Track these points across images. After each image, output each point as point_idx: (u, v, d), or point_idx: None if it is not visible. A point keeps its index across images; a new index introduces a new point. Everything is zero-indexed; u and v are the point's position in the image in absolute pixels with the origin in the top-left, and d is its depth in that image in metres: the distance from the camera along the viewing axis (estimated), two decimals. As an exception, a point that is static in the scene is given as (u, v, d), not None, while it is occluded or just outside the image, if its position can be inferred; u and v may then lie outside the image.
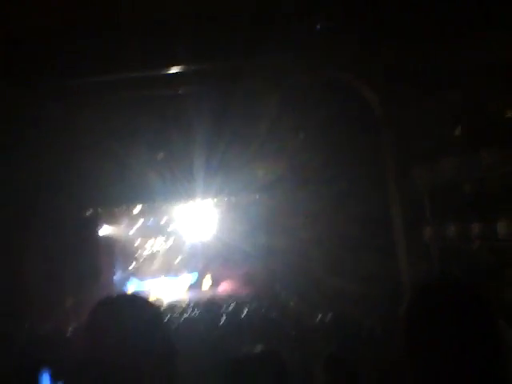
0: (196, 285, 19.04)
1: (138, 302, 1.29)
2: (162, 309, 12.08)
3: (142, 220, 19.32)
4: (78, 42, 8.36)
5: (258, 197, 15.19)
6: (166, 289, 18.36)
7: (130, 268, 19.62)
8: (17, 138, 10.69)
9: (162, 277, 19.21)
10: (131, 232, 19.43)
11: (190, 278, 19.54)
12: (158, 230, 19.96)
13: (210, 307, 11.84)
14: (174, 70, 9.56)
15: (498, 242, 8.81)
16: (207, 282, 18.79)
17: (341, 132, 11.27)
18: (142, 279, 19.23)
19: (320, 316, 8.58)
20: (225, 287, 18.27)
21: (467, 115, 9.72)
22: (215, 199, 16.71)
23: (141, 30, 8.31)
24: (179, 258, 19.96)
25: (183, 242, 19.72)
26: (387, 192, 11.73)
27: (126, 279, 19.22)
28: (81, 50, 8.41)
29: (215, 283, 18.61)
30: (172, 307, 13.18)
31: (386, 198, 11.70)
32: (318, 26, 8.59)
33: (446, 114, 9.91)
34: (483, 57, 8.83)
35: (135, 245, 19.82)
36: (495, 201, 9.10)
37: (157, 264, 19.83)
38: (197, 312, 11.42)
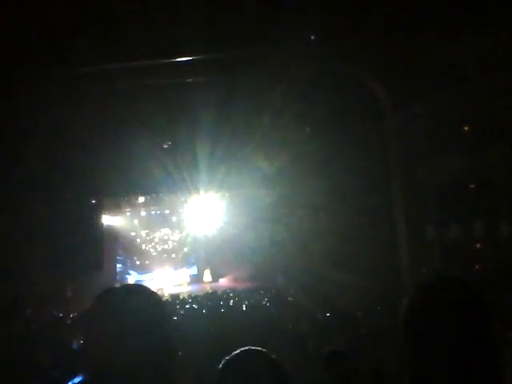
0: (196, 278, 19.11)
1: (142, 292, 1.28)
2: (164, 300, 12.12)
3: (144, 212, 19.37)
4: (87, 31, 8.35)
5: (262, 190, 15.17)
6: (167, 281, 18.43)
7: (132, 260, 19.69)
8: (22, 126, 10.71)
9: (163, 270, 19.26)
10: (134, 224, 19.48)
11: (190, 271, 19.61)
12: (161, 223, 20.01)
13: (211, 300, 11.88)
14: (181, 59, 9.53)
15: (502, 243, 8.78)
16: (207, 276, 18.84)
17: (346, 126, 11.21)
18: (142, 271, 19.31)
19: (321, 311, 8.60)
20: (225, 280, 18.33)
21: (474, 113, 9.65)
22: (219, 192, 16.72)
23: (150, 18, 8.29)
24: (180, 251, 20.01)
25: (185, 235, 19.76)
26: (391, 189, 11.69)
27: (127, 271, 19.31)
28: (89, 38, 8.40)
29: (215, 277, 18.67)
30: (174, 299, 13.26)
31: (390, 195, 11.66)
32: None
33: (453, 111, 9.85)
34: (490, 52, 8.76)
35: (137, 237, 19.88)
36: (500, 201, 9.06)
37: (158, 257, 19.89)
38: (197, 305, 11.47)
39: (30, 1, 7.87)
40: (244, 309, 10.36)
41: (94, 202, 14.95)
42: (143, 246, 20.02)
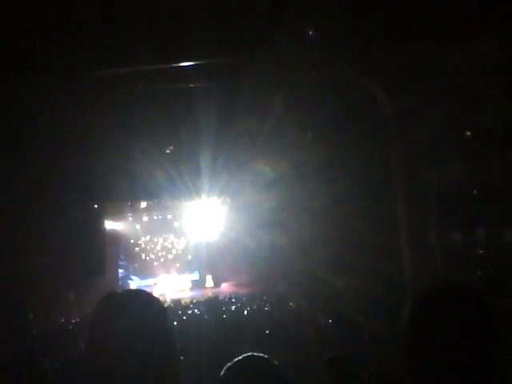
0: (198, 283, 19.07)
1: (144, 297, 1.29)
2: (166, 305, 12.08)
3: (146, 217, 19.36)
4: (89, 35, 8.39)
5: (263, 195, 15.16)
6: (169, 287, 18.39)
7: (133, 265, 19.66)
8: (25, 130, 10.75)
9: (165, 275, 19.23)
10: (136, 229, 19.46)
11: (192, 276, 19.57)
12: (163, 228, 19.99)
13: (212, 305, 11.85)
14: (183, 64, 9.56)
15: (504, 248, 8.75)
16: (209, 281, 18.80)
17: (348, 130, 11.21)
18: (144, 277, 19.27)
19: (322, 317, 8.56)
20: (227, 286, 18.29)
21: (476, 118, 9.66)
22: (221, 197, 16.72)
23: (151, 23, 8.33)
24: (183, 257, 19.96)
25: (187, 240, 19.74)
26: (393, 194, 11.67)
27: (128, 276, 19.28)
28: (91, 42, 8.43)
29: (217, 282, 18.63)
30: (176, 304, 13.23)
31: (392, 200, 11.64)
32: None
33: (455, 116, 9.85)
34: (492, 57, 8.77)
35: (139, 242, 19.85)
36: (502, 206, 9.04)
37: (160, 262, 19.86)
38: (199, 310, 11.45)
39: (30, 3, 7.91)
40: (245, 313, 10.34)
41: (96, 206, 14.97)
42: (145, 252, 20.00)
